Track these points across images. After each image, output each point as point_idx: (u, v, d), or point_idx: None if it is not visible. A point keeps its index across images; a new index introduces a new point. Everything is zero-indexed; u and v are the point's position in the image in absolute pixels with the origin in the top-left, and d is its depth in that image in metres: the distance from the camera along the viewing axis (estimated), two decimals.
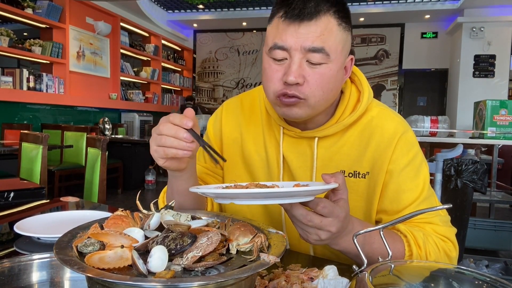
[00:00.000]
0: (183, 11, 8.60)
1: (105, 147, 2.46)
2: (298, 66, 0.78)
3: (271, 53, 0.81)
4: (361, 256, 0.61)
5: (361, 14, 7.87)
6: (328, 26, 0.78)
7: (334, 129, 0.90)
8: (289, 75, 0.78)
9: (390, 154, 0.88)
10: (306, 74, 0.79)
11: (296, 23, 0.77)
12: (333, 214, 0.68)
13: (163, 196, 0.97)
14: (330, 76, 0.80)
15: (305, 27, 0.77)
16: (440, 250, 0.84)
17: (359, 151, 0.91)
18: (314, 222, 0.68)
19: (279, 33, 0.79)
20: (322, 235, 0.70)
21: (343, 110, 0.91)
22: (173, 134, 0.69)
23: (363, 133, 0.91)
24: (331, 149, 0.92)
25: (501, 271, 2.40)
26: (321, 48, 0.77)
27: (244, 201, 0.64)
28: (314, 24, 0.77)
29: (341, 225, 0.70)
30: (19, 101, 5.15)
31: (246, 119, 1.02)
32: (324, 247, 0.95)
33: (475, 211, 3.90)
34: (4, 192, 1.59)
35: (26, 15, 5.20)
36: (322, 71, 0.79)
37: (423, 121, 2.94)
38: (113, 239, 0.54)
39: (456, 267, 0.59)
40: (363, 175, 0.91)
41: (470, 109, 4.05)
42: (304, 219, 0.68)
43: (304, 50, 0.78)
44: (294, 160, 0.94)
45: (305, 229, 0.70)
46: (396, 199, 0.88)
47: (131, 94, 7.82)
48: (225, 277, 0.49)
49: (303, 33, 0.77)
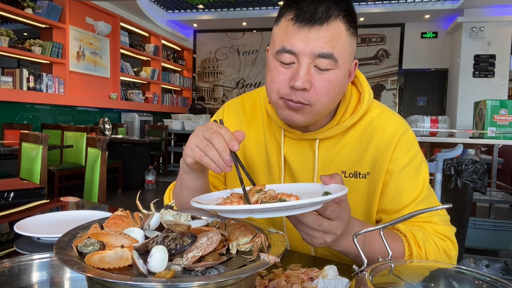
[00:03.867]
0: (183, 11, 8.61)
1: (105, 147, 2.46)
2: (306, 72, 0.77)
3: (279, 56, 0.79)
4: (361, 256, 0.61)
5: (361, 14, 7.87)
6: (338, 32, 0.77)
7: (335, 130, 0.90)
8: (297, 80, 0.76)
9: (390, 154, 0.89)
10: (313, 79, 0.78)
11: (306, 27, 0.76)
12: (340, 217, 0.69)
13: (169, 192, 0.97)
14: (337, 82, 0.79)
15: (315, 32, 0.76)
16: (440, 250, 0.84)
17: (360, 152, 0.91)
18: (324, 226, 0.68)
19: (288, 36, 0.78)
20: (328, 238, 0.70)
21: (343, 112, 0.91)
22: (220, 149, 0.68)
23: (363, 134, 0.91)
24: (332, 150, 0.92)
25: (501, 271, 2.40)
26: (330, 54, 0.76)
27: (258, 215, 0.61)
28: (325, 29, 0.76)
29: (346, 227, 0.71)
30: (19, 101, 5.15)
31: (248, 121, 1.01)
32: (325, 248, 0.95)
33: (475, 211, 3.90)
34: (4, 192, 1.59)
35: (26, 15, 5.20)
36: (330, 77, 0.78)
37: (423, 121, 2.94)
38: (113, 239, 0.54)
39: (456, 267, 0.59)
40: (364, 175, 0.91)
41: (470, 109, 4.05)
42: (315, 224, 0.68)
43: (313, 56, 0.76)
44: (295, 161, 0.94)
45: (312, 234, 0.70)
46: (396, 198, 0.88)
47: (131, 94, 7.82)
48: (225, 277, 0.49)
49: (313, 38, 0.76)
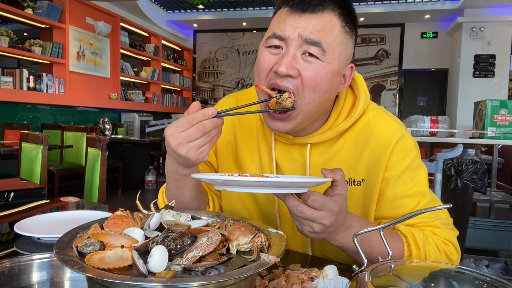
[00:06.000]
0: (183, 11, 8.60)
1: (105, 147, 2.46)
2: (292, 58, 0.77)
3: (267, 42, 0.80)
4: (361, 256, 0.61)
5: (361, 14, 7.86)
6: (330, 24, 0.77)
7: (327, 135, 0.87)
8: (281, 65, 0.76)
9: (386, 161, 0.86)
10: (300, 68, 0.77)
11: (298, 13, 0.77)
12: (325, 207, 0.69)
13: (162, 196, 0.96)
14: (324, 76, 0.78)
15: (306, 18, 0.76)
16: (441, 252, 0.83)
17: (354, 158, 0.88)
18: (305, 213, 0.69)
19: (279, 23, 0.79)
20: (315, 227, 0.71)
21: (337, 116, 0.88)
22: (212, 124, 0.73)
23: (358, 138, 0.88)
24: (325, 156, 0.89)
25: (501, 271, 2.39)
26: (318, 41, 0.76)
27: (237, 189, 0.66)
28: (316, 17, 0.76)
29: (335, 219, 0.71)
30: (19, 101, 5.15)
31: (241, 122, 0.99)
32: (322, 247, 0.94)
33: (475, 211, 3.90)
34: (4, 192, 1.59)
35: (26, 15, 5.20)
36: (316, 68, 0.77)
37: (423, 121, 2.93)
38: (113, 239, 0.54)
39: (456, 267, 0.59)
40: (359, 182, 0.88)
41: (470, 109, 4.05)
42: (295, 210, 0.69)
43: (301, 40, 0.76)
44: (287, 167, 0.92)
45: (299, 221, 0.72)
46: (395, 206, 0.86)
47: (131, 94, 7.82)
48: (225, 277, 0.49)
49: (303, 23, 0.76)
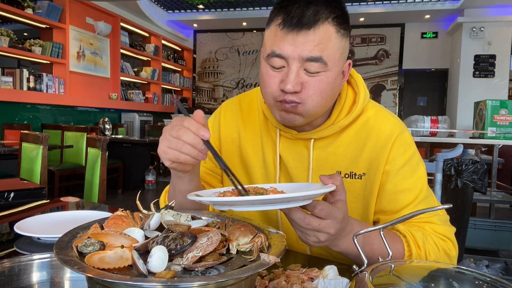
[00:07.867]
0: (183, 11, 8.60)
1: (105, 147, 2.46)
2: (295, 75, 0.78)
3: (269, 60, 0.80)
4: (361, 256, 0.61)
5: (361, 14, 7.87)
6: (327, 35, 0.77)
7: (330, 130, 0.90)
8: (287, 84, 0.77)
9: (386, 155, 0.89)
10: (304, 81, 0.79)
11: (294, 32, 0.76)
12: (331, 216, 0.69)
13: (164, 196, 0.97)
14: (328, 83, 0.80)
15: (303, 36, 0.76)
16: (440, 250, 0.84)
17: (355, 152, 0.91)
18: (313, 225, 0.68)
19: (276, 41, 0.78)
20: (321, 237, 0.70)
21: (339, 112, 0.91)
22: (192, 142, 0.68)
23: (359, 134, 0.91)
24: (327, 150, 0.92)
25: (501, 271, 2.39)
26: (319, 57, 0.76)
27: (242, 208, 0.65)
28: (313, 33, 0.76)
29: (340, 226, 0.71)
30: (19, 101, 5.15)
31: (244, 120, 1.02)
32: (321, 247, 0.95)
33: (475, 211, 3.90)
34: (4, 192, 1.59)
35: (26, 15, 5.20)
36: (320, 78, 0.79)
37: (423, 121, 2.93)
38: (113, 239, 0.54)
39: (456, 267, 0.59)
40: (360, 176, 0.91)
41: (470, 109, 4.04)
42: (302, 222, 0.68)
43: (302, 60, 0.77)
44: (291, 161, 0.95)
45: (304, 232, 0.71)
46: (394, 199, 0.88)
47: (131, 94, 7.82)
48: (225, 277, 0.49)
49: (301, 42, 0.76)
